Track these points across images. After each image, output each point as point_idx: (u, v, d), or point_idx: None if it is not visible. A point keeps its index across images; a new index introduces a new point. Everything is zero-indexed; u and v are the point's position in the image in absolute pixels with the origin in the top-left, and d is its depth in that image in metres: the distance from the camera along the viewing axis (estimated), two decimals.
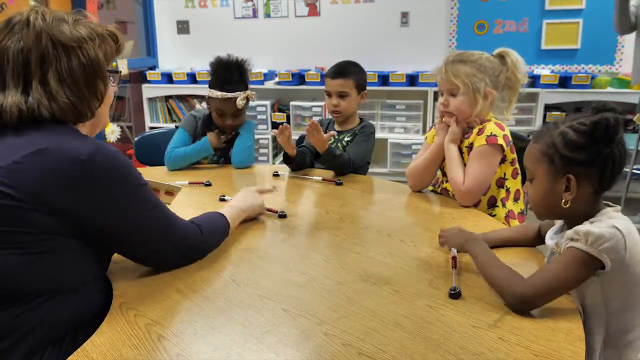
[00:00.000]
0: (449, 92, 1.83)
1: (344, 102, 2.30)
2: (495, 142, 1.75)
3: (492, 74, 1.79)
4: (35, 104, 1.07)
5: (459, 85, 1.78)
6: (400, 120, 4.43)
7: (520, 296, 1.07)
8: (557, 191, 1.17)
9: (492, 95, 1.80)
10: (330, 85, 2.31)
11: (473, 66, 1.78)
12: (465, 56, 1.81)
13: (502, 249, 1.43)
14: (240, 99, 2.29)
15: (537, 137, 1.21)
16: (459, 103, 1.81)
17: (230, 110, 2.31)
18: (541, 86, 4.12)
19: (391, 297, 1.17)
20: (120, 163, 1.09)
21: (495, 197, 1.84)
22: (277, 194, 2.00)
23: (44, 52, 1.08)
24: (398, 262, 1.36)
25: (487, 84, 1.78)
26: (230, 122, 2.35)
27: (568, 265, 1.08)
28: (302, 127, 4.54)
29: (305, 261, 1.37)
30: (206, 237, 1.34)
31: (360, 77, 2.34)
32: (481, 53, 1.82)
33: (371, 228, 1.62)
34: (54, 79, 1.08)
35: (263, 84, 4.56)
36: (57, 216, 1.02)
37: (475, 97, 1.78)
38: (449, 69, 1.79)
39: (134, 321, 1.08)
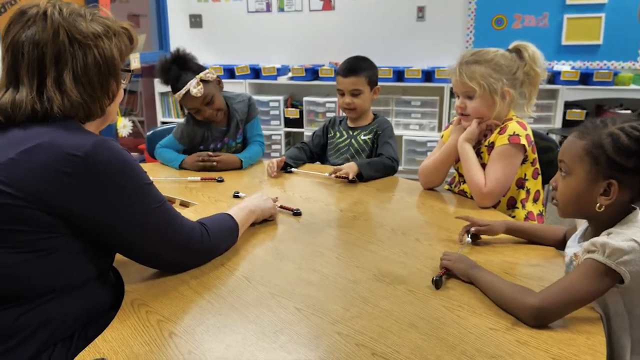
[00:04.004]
0: (465, 95, 1.80)
1: (358, 100, 2.29)
2: (518, 142, 1.73)
3: (508, 72, 1.76)
4: (49, 103, 1.06)
5: (474, 87, 1.75)
6: (416, 117, 4.41)
7: (534, 310, 1.04)
8: (594, 193, 1.13)
9: (510, 95, 1.77)
10: (343, 84, 2.30)
11: (488, 66, 1.75)
12: (480, 55, 1.77)
13: (525, 245, 1.43)
14: (194, 87, 2.21)
15: (581, 132, 1.16)
16: (476, 106, 1.78)
17: (196, 103, 2.26)
18: (561, 83, 4.08)
19: (406, 297, 1.16)
20: (121, 160, 1.07)
21: (515, 198, 1.83)
22: (289, 190, 2.00)
23: (60, 48, 1.07)
24: (413, 261, 1.35)
25: (504, 84, 1.75)
26: (210, 112, 2.29)
27: (585, 276, 1.04)
28: (315, 123, 4.54)
29: (318, 259, 1.37)
30: (214, 240, 1.31)
31: (372, 73, 2.33)
32: (496, 50, 1.79)
33: (386, 226, 1.61)
34: (69, 77, 1.07)
35: (276, 79, 4.57)
36: (56, 214, 1.02)
37: (492, 99, 1.76)
38: (463, 71, 1.76)
39: (146, 317, 1.09)
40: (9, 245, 1.00)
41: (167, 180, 2.14)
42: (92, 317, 1.12)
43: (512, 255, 1.38)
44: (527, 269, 1.31)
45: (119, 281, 1.25)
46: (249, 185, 2.09)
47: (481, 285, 1.18)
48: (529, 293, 1.08)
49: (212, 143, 2.40)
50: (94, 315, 1.12)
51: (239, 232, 1.44)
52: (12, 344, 1.01)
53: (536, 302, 1.04)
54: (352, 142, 2.34)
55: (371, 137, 2.31)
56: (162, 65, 2.26)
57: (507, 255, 1.39)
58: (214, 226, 1.33)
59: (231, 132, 2.40)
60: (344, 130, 2.39)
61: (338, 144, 2.38)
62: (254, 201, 1.59)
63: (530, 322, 1.05)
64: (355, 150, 2.32)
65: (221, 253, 1.37)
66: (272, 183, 2.11)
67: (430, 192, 1.96)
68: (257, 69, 4.65)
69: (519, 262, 1.35)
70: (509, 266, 1.32)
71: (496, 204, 1.80)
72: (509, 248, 1.43)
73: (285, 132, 4.69)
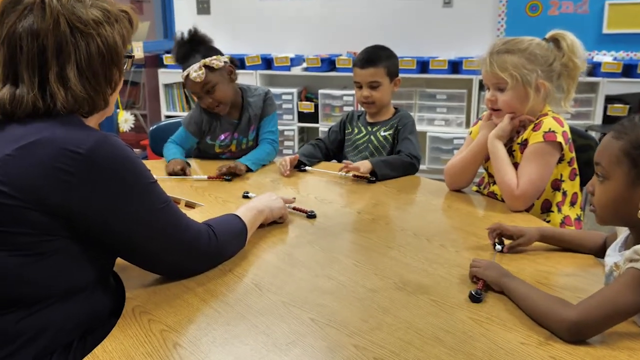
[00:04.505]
0: (496, 87, 1.79)
1: (376, 93, 2.29)
2: (554, 140, 1.72)
3: (544, 63, 1.75)
4: (52, 100, 1.07)
5: (506, 79, 1.74)
6: (441, 111, 4.40)
7: (571, 324, 1.03)
8: (634, 198, 1.12)
9: (545, 88, 1.76)
10: (360, 76, 2.30)
11: (522, 56, 1.74)
12: (513, 44, 1.76)
13: (561, 253, 1.43)
14: (194, 71, 2.20)
15: (619, 132, 1.15)
16: (507, 99, 1.77)
17: (195, 89, 2.27)
18: (602, 75, 4.04)
19: (430, 308, 1.16)
20: (125, 158, 1.08)
21: (550, 200, 1.82)
22: (303, 191, 2.01)
23: (62, 39, 1.07)
24: (438, 269, 1.35)
25: (539, 75, 1.74)
26: (209, 102, 2.29)
27: (627, 287, 1.03)
28: (331, 117, 4.55)
29: (334, 266, 1.37)
30: (222, 242, 1.32)
31: (392, 63, 2.33)
32: (531, 39, 1.78)
33: (408, 231, 1.61)
34: (73, 71, 1.08)
35: (289, 69, 4.58)
36: (54, 215, 1.03)
37: (526, 91, 1.75)
38: (494, 61, 1.75)
39: (148, 327, 1.10)
40: (6, 248, 1.02)
41: (171, 179, 2.16)
42: (91, 324, 1.13)
43: (546, 264, 1.37)
44: (562, 279, 1.30)
45: (120, 287, 1.26)
46: (259, 185, 2.10)
47: (513, 295, 1.18)
48: (565, 305, 1.07)
49: (221, 134, 2.40)
50: (93, 323, 1.14)
51: (248, 234, 1.45)
52: (9, 351, 1.02)
53: (573, 316, 1.03)
54: (371, 139, 2.34)
55: (391, 133, 2.31)
56: (177, 42, 2.29)
57: (541, 263, 1.38)
58: (221, 228, 1.34)
59: (242, 126, 2.41)
60: (363, 126, 2.39)
61: (356, 141, 2.38)
62: (262, 201, 1.60)
63: (566, 337, 1.04)
64: (375, 147, 2.32)
65: (229, 257, 1.38)
66: (284, 183, 2.12)
67: (457, 194, 1.96)
68: (268, 58, 4.67)
69: (553, 271, 1.34)
70: (543, 275, 1.31)
71: (529, 207, 1.79)
72: (543, 255, 1.42)
73: (298, 127, 4.71)
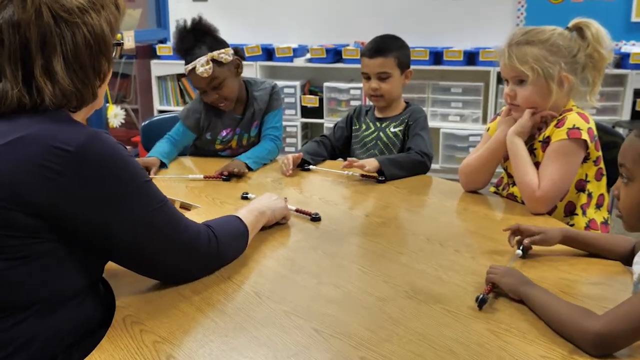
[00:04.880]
0: (515, 81, 1.79)
1: (385, 85, 2.29)
2: (579, 137, 1.71)
3: (567, 55, 1.74)
4: (39, 95, 1.07)
5: (526, 72, 1.73)
6: (456, 106, 4.39)
7: (596, 336, 1.02)
8: None
9: (569, 81, 1.75)
10: (368, 66, 2.30)
11: (543, 47, 1.73)
12: (533, 35, 1.75)
13: (585, 259, 1.42)
14: (201, 65, 2.22)
15: None
16: (528, 94, 1.77)
17: (201, 84, 2.27)
18: (630, 67, 4.03)
19: (443, 319, 1.16)
20: (116, 155, 1.09)
21: (574, 203, 1.81)
22: (307, 192, 2.00)
23: (46, 30, 1.07)
24: (452, 276, 1.35)
25: (562, 68, 1.73)
26: (215, 98, 2.29)
27: None
28: (337, 113, 4.54)
29: (340, 273, 1.37)
30: (222, 245, 1.32)
31: (403, 54, 2.32)
32: (553, 28, 1.77)
33: (420, 235, 1.61)
34: (59, 64, 1.08)
35: (292, 61, 4.58)
36: (41, 217, 1.03)
37: (548, 86, 1.74)
38: (514, 53, 1.75)
39: (140, 337, 1.10)
40: None
41: (164, 179, 2.16)
42: (79, 335, 1.13)
43: (569, 271, 1.37)
44: (587, 287, 1.30)
45: (110, 294, 1.26)
46: (259, 185, 2.10)
47: (533, 305, 1.17)
48: (590, 316, 1.07)
49: (222, 130, 2.40)
50: (81, 333, 1.13)
51: (249, 237, 1.45)
52: None
53: (598, 327, 1.03)
54: (380, 136, 2.34)
55: (402, 129, 2.30)
56: (179, 32, 2.28)
57: (564, 270, 1.37)
58: (222, 229, 1.34)
59: (244, 121, 2.41)
60: (371, 122, 2.39)
61: (364, 138, 2.38)
62: (263, 202, 1.61)
63: (590, 350, 1.03)
64: (384, 144, 2.32)
65: (230, 261, 1.39)
66: (286, 183, 2.12)
67: (473, 195, 1.95)
68: (270, 49, 4.67)
69: (578, 279, 1.34)
70: (566, 283, 1.30)
71: (551, 210, 1.78)
72: (566, 262, 1.41)
73: (302, 123, 4.71)
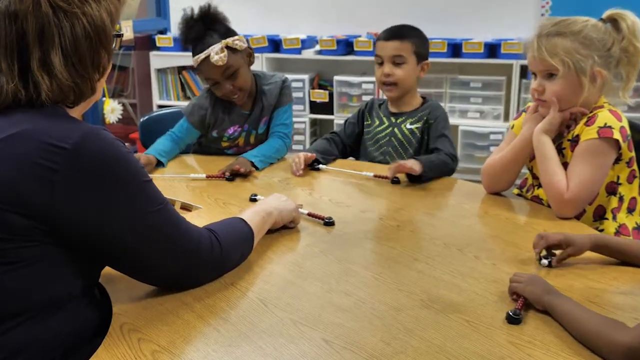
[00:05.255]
0: (544, 75, 1.78)
1: (400, 71, 2.28)
2: (610, 136, 1.70)
3: (601, 48, 1.74)
4: (36, 90, 1.08)
5: (556, 66, 1.72)
6: (476, 102, 4.38)
7: (626, 349, 1.02)
8: None
9: (602, 77, 1.74)
10: (383, 49, 2.30)
11: (575, 39, 1.72)
12: (565, 26, 1.75)
13: (615, 267, 1.42)
14: (216, 53, 2.22)
15: None
16: (558, 89, 1.76)
17: (215, 74, 2.27)
18: None
19: (462, 329, 1.16)
20: (115, 153, 1.10)
21: (604, 207, 1.80)
22: (316, 193, 2.00)
23: (44, 21, 1.08)
24: (471, 284, 1.35)
25: (595, 62, 1.72)
26: (229, 89, 2.29)
27: None
28: (348, 108, 4.54)
29: (352, 279, 1.37)
30: (226, 249, 1.33)
31: (421, 43, 2.33)
32: (585, 20, 1.76)
33: (437, 240, 1.61)
34: (57, 57, 1.09)
35: (300, 53, 4.58)
36: (35, 217, 1.03)
37: (579, 81, 1.73)
38: (543, 45, 1.74)
39: (138, 346, 1.10)
40: None
41: (164, 178, 2.17)
42: (73, 343, 1.14)
43: (598, 279, 1.36)
44: (617, 297, 1.30)
45: (106, 301, 1.27)
46: (266, 185, 2.11)
47: (559, 315, 1.17)
48: (620, 328, 1.07)
49: (230, 127, 2.41)
50: (75, 342, 1.14)
51: (254, 240, 1.46)
52: None
53: (629, 340, 1.03)
54: (394, 132, 2.34)
55: (420, 126, 2.30)
56: (186, 21, 2.27)
57: (593, 279, 1.37)
58: (225, 233, 1.35)
59: (252, 117, 2.41)
60: (385, 117, 2.39)
61: (376, 134, 2.38)
62: (270, 202, 1.61)
63: None
64: (399, 142, 2.31)
65: (234, 267, 1.39)
66: (295, 183, 2.12)
67: (494, 197, 1.95)
68: (276, 40, 4.67)
69: (607, 288, 1.33)
70: (595, 293, 1.30)
71: (580, 214, 1.78)
72: (595, 270, 1.41)
73: (310, 119, 4.71)
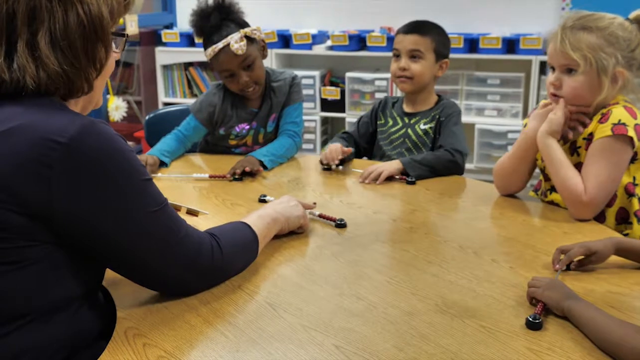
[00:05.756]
0: (563, 69, 1.77)
1: (416, 66, 2.29)
2: (625, 133, 1.70)
3: (625, 48, 1.72)
4: (21, 73, 1.09)
5: (577, 60, 1.71)
6: (493, 99, 4.37)
7: None
8: None
9: (623, 77, 1.73)
10: (401, 42, 2.31)
11: (601, 36, 1.71)
12: (591, 21, 1.73)
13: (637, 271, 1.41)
14: (235, 42, 2.24)
15: None
16: (576, 84, 1.74)
17: (233, 64, 2.28)
18: None
19: (478, 335, 1.16)
20: (114, 149, 1.10)
21: (626, 209, 1.79)
22: (326, 193, 2.01)
23: (36, 4, 1.09)
24: (488, 288, 1.35)
25: (619, 62, 1.71)
26: (246, 80, 2.30)
27: None
28: (360, 106, 4.54)
29: (364, 283, 1.37)
30: (227, 255, 1.33)
31: (441, 40, 2.33)
32: (612, 17, 1.75)
33: (452, 242, 1.61)
34: (45, 40, 1.09)
35: (311, 48, 4.58)
36: (34, 216, 1.04)
37: (599, 79, 1.72)
38: (567, 38, 1.72)
39: (143, 352, 1.11)
40: None
41: (169, 178, 2.18)
42: (76, 348, 1.14)
43: (620, 284, 1.36)
44: (639, 302, 1.30)
45: (110, 304, 1.27)
46: (275, 185, 2.11)
47: (579, 321, 1.17)
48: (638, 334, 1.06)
49: (237, 125, 2.42)
50: (78, 346, 1.14)
51: (259, 246, 1.46)
52: None
53: None
54: (408, 133, 2.33)
55: (432, 125, 2.30)
56: (202, 11, 2.30)
57: (614, 283, 1.36)
58: (228, 238, 1.35)
59: (261, 115, 2.42)
60: (399, 117, 2.39)
61: (390, 135, 2.38)
62: (277, 207, 1.60)
63: None
64: (413, 143, 2.31)
65: (236, 273, 1.39)
66: (305, 184, 2.13)
67: (510, 199, 1.95)
68: (286, 35, 4.68)
69: (629, 293, 1.33)
70: (616, 298, 1.30)
71: (601, 219, 1.78)
72: (617, 274, 1.40)
73: (321, 117, 4.71)
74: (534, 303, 1.25)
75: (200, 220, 1.70)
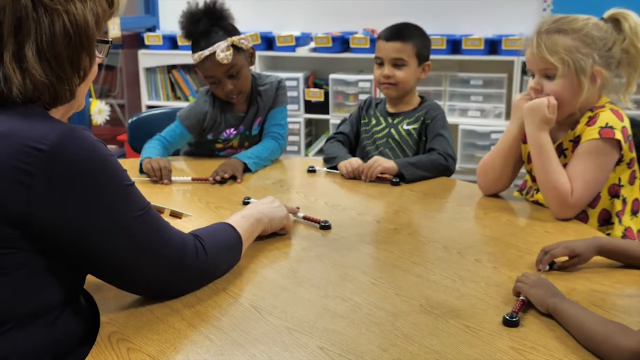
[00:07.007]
0: (543, 73, 1.78)
1: (400, 73, 2.30)
2: (612, 137, 1.71)
3: (602, 47, 1.74)
4: (7, 84, 1.08)
5: (556, 64, 1.72)
6: (476, 100, 4.39)
7: (632, 354, 1.03)
8: None
9: (602, 76, 1.75)
10: (384, 50, 2.31)
11: (576, 37, 1.73)
12: (565, 23, 1.75)
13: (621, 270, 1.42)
14: (222, 50, 2.23)
15: None
16: (558, 88, 1.75)
17: (218, 72, 2.27)
18: None
19: (462, 335, 1.16)
20: (96, 155, 1.09)
21: (608, 211, 1.81)
22: (311, 195, 2.01)
23: (22, 14, 1.08)
24: (472, 288, 1.35)
25: (596, 61, 1.73)
26: (231, 88, 2.29)
27: None
28: (344, 107, 4.54)
29: (348, 285, 1.37)
30: (211, 257, 1.32)
31: (423, 44, 2.34)
32: (587, 18, 1.77)
33: (436, 243, 1.61)
34: (31, 51, 1.09)
35: (294, 50, 4.58)
36: (14, 224, 1.03)
37: (579, 81, 1.73)
38: (543, 42, 1.74)
39: (127, 356, 1.10)
40: None
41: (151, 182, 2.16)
42: (59, 354, 1.13)
43: (603, 282, 1.37)
44: (623, 301, 1.30)
45: (93, 309, 1.27)
46: (259, 187, 2.11)
47: (563, 319, 1.18)
48: (626, 332, 1.07)
49: (225, 130, 2.41)
50: (61, 352, 1.14)
51: (243, 247, 1.46)
52: None
53: (634, 344, 1.03)
54: (391, 133, 2.34)
55: (417, 127, 2.31)
56: (191, 14, 2.28)
57: (597, 282, 1.37)
58: (212, 240, 1.34)
59: (247, 119, 2.42)
60: (382, 117, 2.39)
61: (374, 134, 2.38)
62: (260, 207, 1.60)
63: None
64: (396, 143, 2.32)
65: (220, 275, 1.39)
66: (289, 186, 2.13)
67: (494, 199, 1.95)
68: (269, 37, 4.67)
69: (612, 292, 1.34)
70: (599, 296, 1.31)
71: (584, 219, 1.79)
72: (599, 273, 1.41)
73: (305, 119, 4.71)
74: (526, 305, 1.25)
75: (183, 223, 1.69)
